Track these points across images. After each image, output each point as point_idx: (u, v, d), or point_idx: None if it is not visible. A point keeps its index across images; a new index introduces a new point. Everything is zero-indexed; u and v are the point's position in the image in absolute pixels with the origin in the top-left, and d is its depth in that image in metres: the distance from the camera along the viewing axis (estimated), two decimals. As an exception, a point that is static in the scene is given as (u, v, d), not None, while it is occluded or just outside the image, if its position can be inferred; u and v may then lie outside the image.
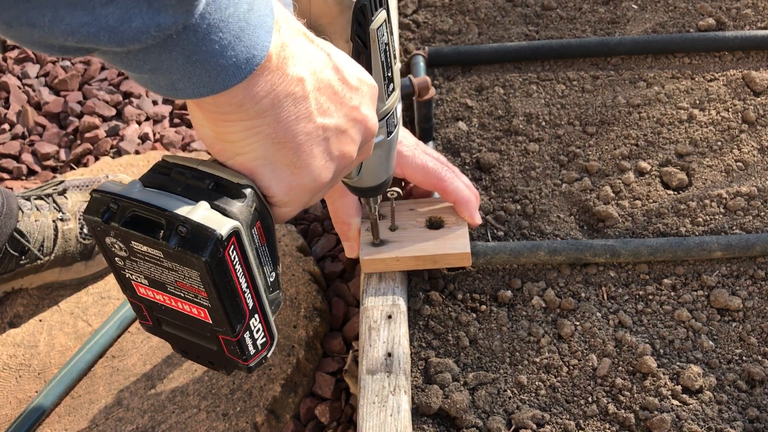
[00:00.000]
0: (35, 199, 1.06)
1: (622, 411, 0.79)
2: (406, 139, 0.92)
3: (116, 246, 0.55)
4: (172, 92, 0.49)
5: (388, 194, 0.87)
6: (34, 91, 1.53)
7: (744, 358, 0.84)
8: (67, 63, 1.58)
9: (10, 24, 0.41)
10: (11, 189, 1.30)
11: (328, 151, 0.57)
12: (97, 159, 1.37)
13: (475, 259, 0.90)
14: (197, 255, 0.51)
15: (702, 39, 1.19)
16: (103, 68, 1.58)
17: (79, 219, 1.07)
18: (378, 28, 0.65)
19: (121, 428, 0.92)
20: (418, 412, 0.80)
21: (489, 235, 0.98)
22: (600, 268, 0.93)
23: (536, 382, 0.82)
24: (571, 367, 0.84)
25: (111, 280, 1.09)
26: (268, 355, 0.62)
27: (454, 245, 0.87)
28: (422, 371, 0.84)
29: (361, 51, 0.65)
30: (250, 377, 0.95)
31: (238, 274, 0.55)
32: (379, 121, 0.70)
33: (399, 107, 0.74)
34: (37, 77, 1.56)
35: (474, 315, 0.89)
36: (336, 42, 0.62)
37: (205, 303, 0.55)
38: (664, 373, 0.82)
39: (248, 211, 0.55)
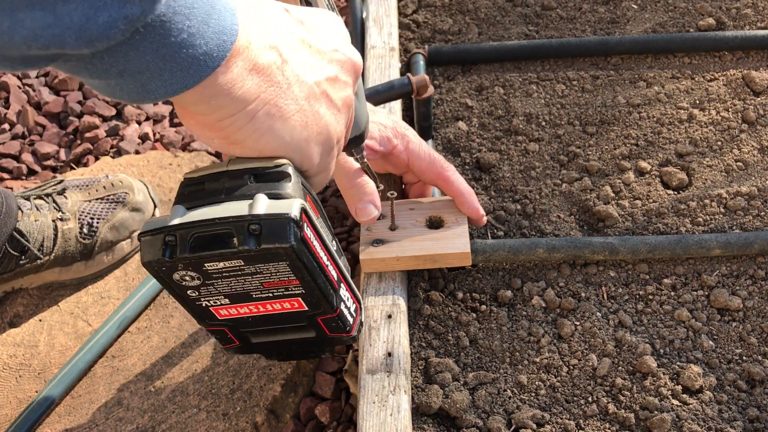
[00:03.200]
0: (35, 198, 1.06)
1: (622, 411, 0.79)
2: (412, 129, 0.92)
3: (187, 277, 0.53)
4: (143, 95, 0.46)
5: (388, 194, 0.87)
6: (34, 90, 1.53)
7: (744, 358, 0.84)
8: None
9: None
10: (11, 189, 1.30)
11: (331, 104, 0.55)
12: (97, 159, 1.37)
13: (474, 257, 0.90)
14: (282, 244, 0.49)
15: (702, 39, 1.19)
16: (103, 68, 1.58)
17: (79, 219, 1.06)
18: None
19: (121, 428, 0.92)
20: (418, 412, 0.80)
21: (489, 234, 0.98)
22: (600, 268, 0.93)
23: (536, 382, 0.82)
24: (571, 367, 0.84)
25: (111, 279, 1.09)
26: (363, 319, 0.61)
27: (454, 245, 0.87)
28: (422, 371, 0.84)
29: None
30: (251, 377, 0.95)
31: (318, 249, 0.53)
32: None
33: None
34: (37, 77, 1.56)
35: (474, 315, 0.89)
36: None
37: (297, 291, 0.54)
38: (664, 373, 0.82)
39: (299, 187, 0.53)
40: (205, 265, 0.51)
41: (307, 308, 0.56)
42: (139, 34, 0.42)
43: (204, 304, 0.55)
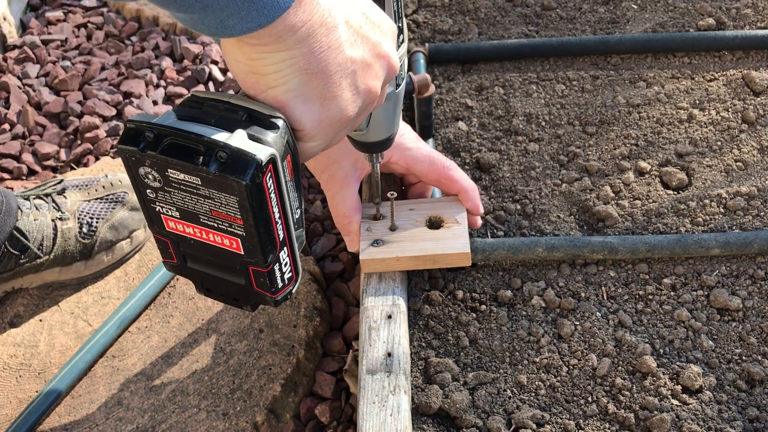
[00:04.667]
0: (34, 198, 1.06)
1: (622, 411, 0.79)
2: (408, 133, 0.92)
3: (150, 176, 0.56)
4: (221, 30, 0.50)
5: (388, 194, 0.87)
6: (34, 91, 1.53)
7: (744, 357, 0.84)
8: (68, 63, 1.58)
9: None
10: (11, 189, 1.30)
11: (354, 85, 0.59)
12: (97, 159, 1.37)
13: (473, 255, 0.90)
14: (238, 179, 0.52)
15: (702, 38, 1.20)
16: (103, 68, 1.58)
17: (78, 218, 1.07)
18: None
19: (121, 428, 0.92)
20: (418, 412, 0.80)
21: (489, 234, 0.98)
22: (600, 268, 0.93)
23: (536, 382, 0.82)
24: (571, 367, 0.84)
25: (111, 279, 1.09)
26: (293, 291, 0.63)
27: (453, 245, 0.87)
28: (422, 371, 0.84)
29: None
30: (251, 377, 0.95)
31: (273, 203, 0.56)
32: None
33: (405, 61, 0.74)
34: (37, 77, 1.56)
35: (474, 315, 0.89)
36: None
37: (239, 232, 0.56)
38: (663, 373, 0.82)
39: (281, 142, 0.56)
40: (169, 170, 0.55)
41: (243, 252, 0.58)
42: None
43: (157, 209, 0.59)
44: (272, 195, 0.55)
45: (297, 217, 0.62)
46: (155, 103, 1.50)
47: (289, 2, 0.51)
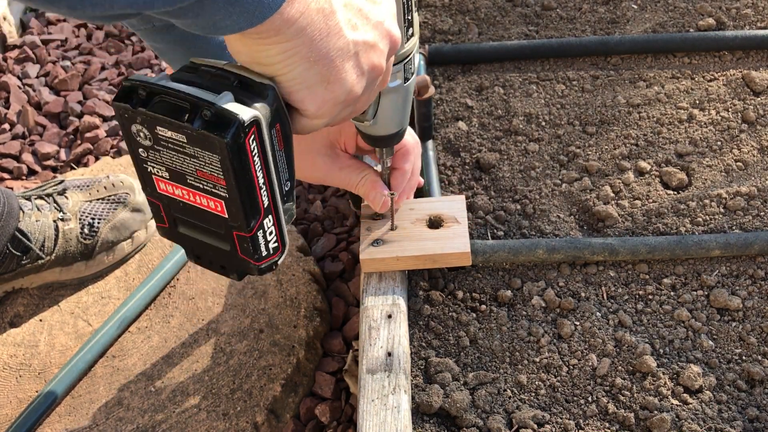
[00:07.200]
0: (36, 198, 1.06)
1: (622, 411, 0.79)
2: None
3: (141, 134, 0.57)
4: (215, 30, 0.52)
5: (388, 194, 0.87)
6: (34, 91, 1.53)
7: (744, 357, 0.84)
8: (68, 63, 1.58)
9: (74, 7, 0.45)
10: (11, 189, 1.30)
11: (358, 65, 0.60)
12: (97, 159, 1.37)
13: (474, 257, 0.90)
14: (219, 136, 0.53)
15: (702, 39, 1.20)
16: (103, 68, 1.58)
17: (80, 219, 1.07)
18: None
19: (122, 428, 0.92)
20: (418, 412, 0.80)
21: (489, 234, 0.98)
22: (600, 268, 0.93)
23: (536, 382, 0.83)
24: (571, 367, 0.84)
25: (111, 279, 1.09)
26: (279, 261, 0.64)
27: (453, 244, 0.87)
28: (422, 371, 0.84)
29: None
30: (251, 377, 0.95)
31: (256, 166, 0.57)
32: (396, 64, 0.72)
33: (417, 56, 0.74)
34: (37, 77, 1.57)
35: (474, 315, 0.89)
36: None
37: (222, 193, 0.57)
38: (663, 373, 0.82)
39: (269, 110, 0.57)
40: (158, 128, 0.56)
41: (227, 216, 0.59)
42: None
43: (149, 169, 0.60)
44: (255, 159, 0.56)
45: (287, 189, 0.63)
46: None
47: (280, 1, 0.52)
